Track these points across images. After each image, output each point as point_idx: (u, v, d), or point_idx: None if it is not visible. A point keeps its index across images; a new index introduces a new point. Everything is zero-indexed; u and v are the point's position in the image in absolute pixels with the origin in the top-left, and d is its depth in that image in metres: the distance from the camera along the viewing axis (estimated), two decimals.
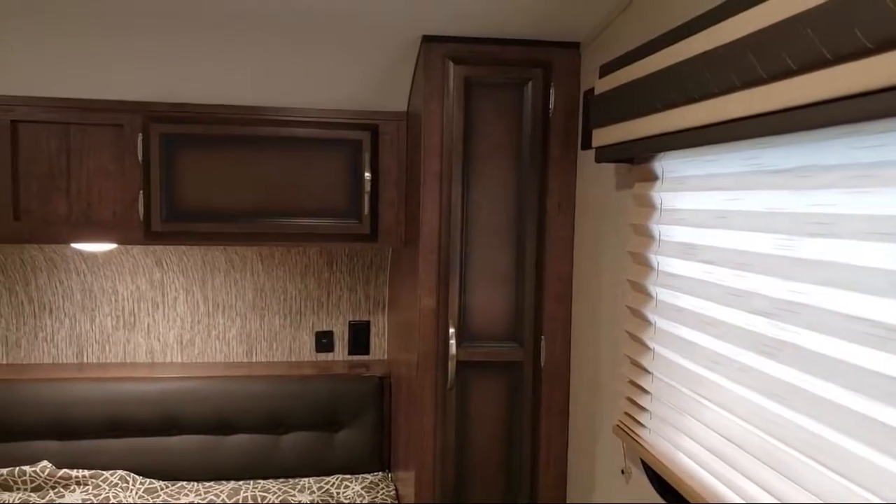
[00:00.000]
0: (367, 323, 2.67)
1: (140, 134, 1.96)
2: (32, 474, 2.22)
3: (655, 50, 1.21)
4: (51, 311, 2.50)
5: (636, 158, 1.42)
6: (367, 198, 2.07)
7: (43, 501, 2.14)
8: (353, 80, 1.95)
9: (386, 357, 2.69)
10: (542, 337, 1.78)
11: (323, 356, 2.67)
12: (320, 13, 1.59)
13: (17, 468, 2.23)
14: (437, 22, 1.64)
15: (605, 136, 1.44)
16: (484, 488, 1.83)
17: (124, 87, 1.91)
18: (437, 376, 1.76)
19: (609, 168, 1.55)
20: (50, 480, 2.22)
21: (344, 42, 1.76)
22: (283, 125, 2.03)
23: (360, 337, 2.67)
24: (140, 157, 1.96)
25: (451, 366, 1.72)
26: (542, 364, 1.78)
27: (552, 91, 1.72)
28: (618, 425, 1.49)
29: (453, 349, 1.72)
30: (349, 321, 2.66)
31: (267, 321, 2.62)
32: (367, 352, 2.69)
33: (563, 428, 1.79)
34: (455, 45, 1.70)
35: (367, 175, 2.06)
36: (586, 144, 1.68)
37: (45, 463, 2.26)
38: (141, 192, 1.98)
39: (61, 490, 2.20)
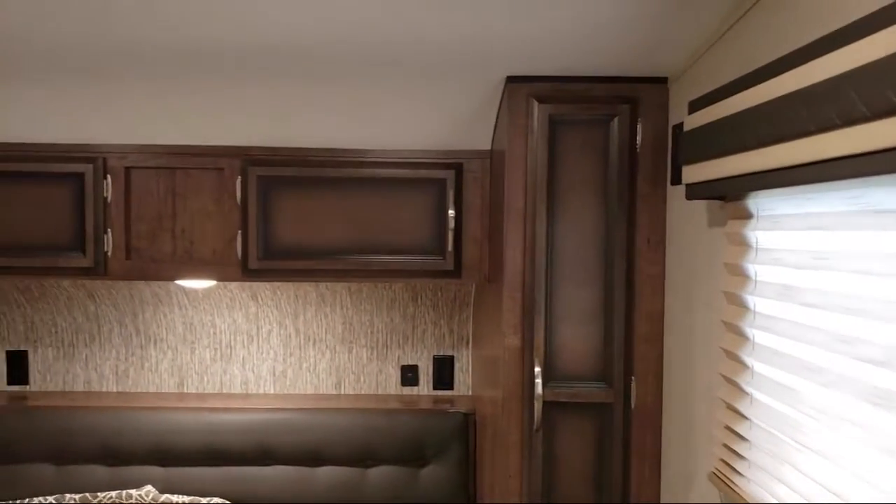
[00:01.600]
0: (452, 357, 2.68)
1: (239, 177, 2.07)
2: (138, 497, 2.34)
3: (748, 86, 1.18)
4: (155, 343, 2.65)
5: (728, 196, 1.37)
6: (450, 234, 2.09)
7: None
8: (438, 121, 2.00)
9: (470, 393, 2.68)
10: (633, 378, 1.73)
11: (408, 390, 2.70)
12: (408, 59, 1.64)
13: (125, 492, 2.35)
14: (521, 63, 1.66)
15: (696, 173, 1.40)
16: None
17: (225, 133, 2.03)
18: (523, 416, 1.75)
19: (700, 205, 1.51)
20: None
21: (430, 85, 1.80)
22: (371, 166, 2.10)
23: (444, 371, 2.68)
24: (238, 199, 2.07)
25: (538, 406, 1.69)
26: (633, 406, 1.73)
27: (639, 127, 1.70)
28: (714, 472, 1.42)
29: (539, 389, 1.70)
30: (434, 355, 2.68)
31: (355, 354, 2.68)
32: (451, 387, 2.69)
33: (655, 473, 1.73)
34: (539, 85, 1.71)
35: (451, 212, 2.09)
36: (676, 180, 1.64)
37: (149, 488, 2.38)
38: (239, 231, 2.08)
39: None
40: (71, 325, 2.63)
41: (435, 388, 2.70)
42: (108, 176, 2.07)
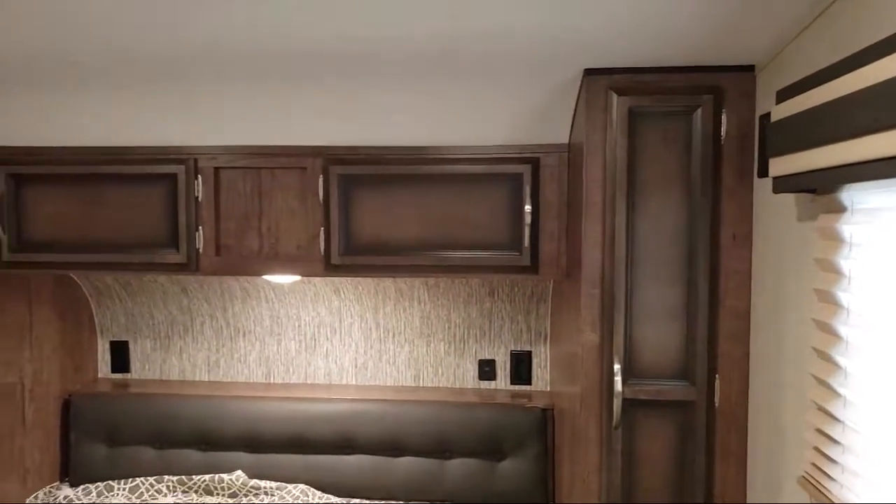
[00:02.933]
0: (529, 353, 2.68)
1: (321, 175, 2.13)
2: (229, 482, 2.46)
3: (842, 73, 1.12)
4: (244, 335, 2.77)
5: (820, 189, 1.31)
6: (527, 230, 2.09)
7: None
8: (514, 116, 1.99)
9: (549, 388, 2.67)
10: (717, 376, 1.68)
11: (485, 384, 2.71)
12: (484, 54, 1.64)
13: (217, 475, 2.48)
14: (598, 55, 1.63)
15: (785, 165, 1.34)
16: None
17: (307, 133, 2.10)
18: (602, 413, 1.73)
19: (788, 198, 1.45)
20: (243, 489, 2.44)
21: (506, 80, 1.80)
22: (448, 163, 2.12)
23: (521, 367, 2.68)
24: (321, 197, 2.13)
25: (617, 403, 1.67)
26: (717, 405, 1.68)
27: (724, 117, 1.64)
28: (804, 476, 1.37)
29: (619, 386, 1.67)
30: (511, 351, 2.69)
31: (433, 348, 2.71)
32: (528, 382, 2.69)
33: (741, 475, 1.68)
34: (618, 77, 1.68)
35: (528, 207, 2.08)
36: (763, 172, 1.57)
37: (239, 472, 2.50)
38: (322, 228, 2.14)
39: (252, 498, 2.42)
40: (167, 318, 2.79)
41: (512, 382, 2.70)
42: (199, 176, 2.17)
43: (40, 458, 2.55)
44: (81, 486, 2.53)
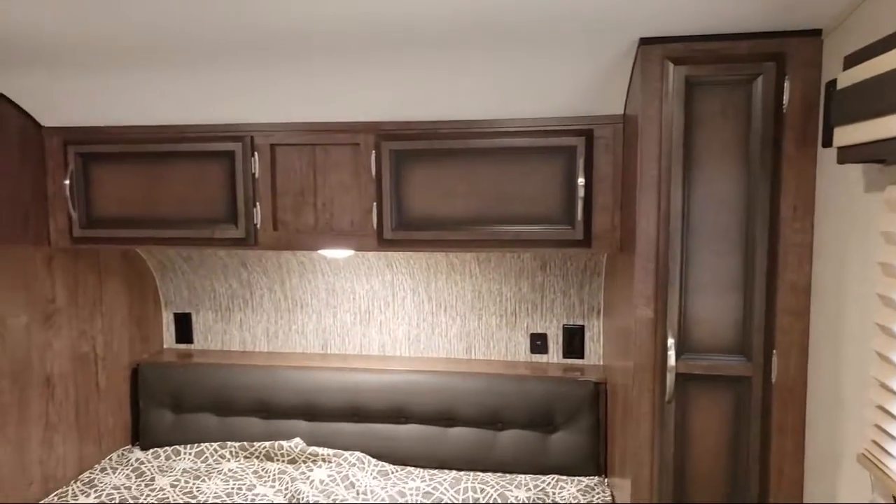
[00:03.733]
0: (582, 327, 2.67)
1: (373, 151, 2.15)
2: (288, 449, 2.55)
3: None
4: (301, 307, 2.84)
5: (889, 159, 1.26)
6: (580, 203, 2.07)
7: (297, 473, 2.44)
8: (567, 87, 1.96)
9: (601, 362, 2.66)
10: (774, 351, 1.65)
11: (537, 357, 2.72)
12: (535, 23, 1.62)
13: (277, 443, 2.58)
14: (655, 23, 1.59)
15: (850, 134, 1.29)
16: None
17: (359, 109, 2.11)
18: (655, 387, 1.72)
19: (854, 169, 1.40)
20: (302, 455, 2.53)
21: (559, 51, 1.78)
22: (500, 136, 2.11)
23: (574, 341, 2.68)
24: (373, 173, 2.16)
25: (670, 378, 1.66)
26: (774, 381, 1.65)
27: (787, 85, 1.58)
28: (864, 454, 1.34)
29: (672, 360, 1.66)
30: (563, 325, 2.68)
31: (484, 321, 2.73)
32: (581, 356, 2.69)
33: (798, 451, 1.65)
34: (674, 46, 1.64)
35: (581, 180, 2.06)
36: (827, 142, 1.52)
37: (297, 440, 2.59)
38: (374, 203, 2.17)
39: (310, 465, 2.50)
40: (227, 291, 2.89)
41: (564, 356, 2.70)
42: (256, 153, 2.22)
43: (113, 422, 2.70)
44: (151, 450, 2.67)
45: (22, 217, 2.25)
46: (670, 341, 1.67)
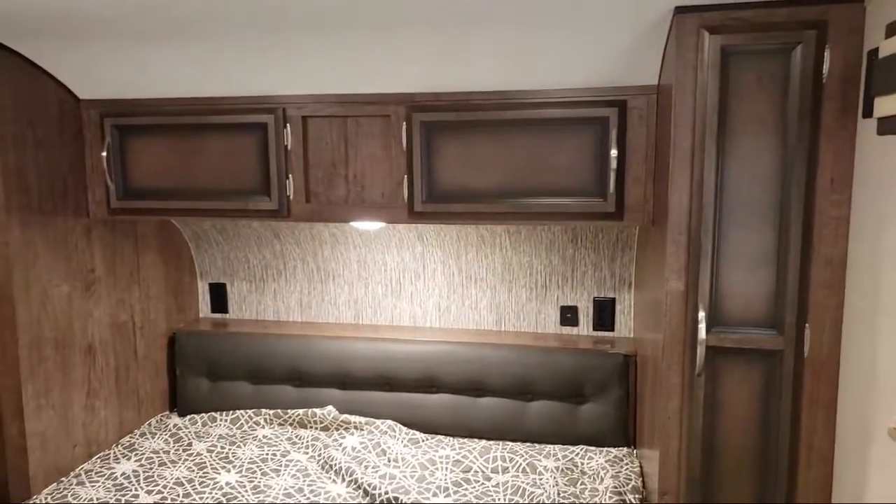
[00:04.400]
0: (613, 300, 2.67)
1: (404, 123, 2.16)
2: (321, 416, 2.61)
3: None
4: (334, 279, 2.88)
5: None
6: (612, 175, 2.05)
7: (329, 440, 2.50)
8: (600, 57, 1.94)
9: (632, 335, 2.66)
10: (807, 325, 1.63)
11: (567, 330, 2.73)
12: None
13: (310, 410, 2.64)
14: None
15: (892, 104, 1.27)
16: (734, 478, 1.75)
17: (390, 81, 2.11)
18: (685, 360, 1.72)
19: (895, 140, 1.36)
20: (334, 423, 2.59)
21: (592, 20, 1.75)
22: (531, 107, 2.09)
23: (604, 313, 2.68)
24: (404, 145, 2.16)
25: (700, 351, 1.66)
26: (806, 355, 1.64)
27: (827, 54, 1.54)
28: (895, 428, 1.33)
29: (702, 334, 1.66)
30: (594, 297, 2.68)
31: (514, 294, 2.75)
32: (612, 328, 2.69)
33: (829, 425, 1.64)
34: (710, 14, 1.60)
35: (614, 152, 2.04)
36: (868, 112, 1.48)
37: (330, 408, 2.65)
38: (405, 175, 2.18)
39: (343, 432, 2.56)
40: (261, 262, 2.94)
41: (595, 329, 2.71)
42: (288, 125, 2.24)
43: (151, 389, 2.78)
44: (188, 416, 2.75)
45: (62, 189, 2.31)
46: (701, 314, 1.67)
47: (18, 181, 2.13)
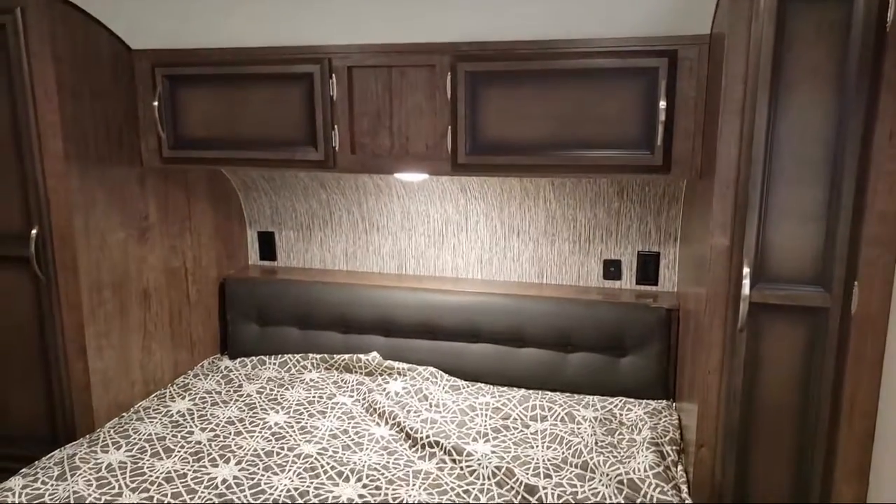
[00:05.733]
0: (657, 254, 2.65)
1: (448, 73, 2.14)
2: (366, 362, 2.69)
3: None
4: (378, 229, 2.93)
5: None
6: (660, 128, 2.01)
7: (373, 384, 2.58)
8: (650, 6, 1.89)
9: (675, 289, 2.65)
10: (856, 283, 1.60)
11: (610, 284, 2.73)
12: None
13: (356, 356, 2.72)
14: None
15: None
16: (772, 432, 1.76)
17: (435, 30, 2.10)
18: (728, 316, 1.71)
19: None
20: (378, 368, 2.67)
21: None
22: (578, 57, 2.05)
23: (648, 267, 2.66)
24: (449, 95, 2.16)
25: (743, 307, 1.65)
26: (853, 312, 1.62)
27: (892, 1, 1.47)
28: None
29: (746, 290, 1.64)
30: (638, 251, 2.66)
31: (557, 247, 2.75)
32: (655, 282, 2.67)
33: (873, 383, 1.62)
34: None
35: (663, 104, 2.00)
36: None
37: (374, 354, 2.73)
38: (449, 127, 2.18)
39: (387, 377, 2.63)
40: (307, 211, 2.99)
41: (638, 283, 2.70)
42: (333, 76, 2.25)
43: (203, 332, 2.90)
44: (238, 359, 2.86)
45: (116, 139, 2.38)
46: (746, 270, 1.65)
47: (76, 131, 2.20)
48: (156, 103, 2.40)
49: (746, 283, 1.65)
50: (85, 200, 2.26)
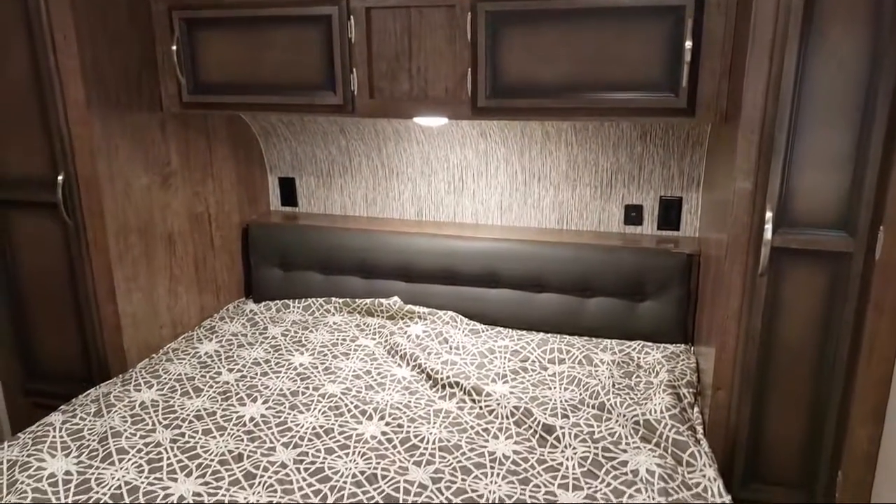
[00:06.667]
0: (679, 199, 2.62)
1: (468, 13, 2.10)
2: (387, 306, 2.74)
3: None
4: (397, 175, 2.93)
5: None
6: (686, 69, 1.96)
7: (395, 328, 2.63)
8: None
9: (697, 235, 2.63)
10: (881, 228, 1.58)
11: (631, 229, 2.72)
12: None
13: (377, 300, 2.76)
14: None
15: None
16: (789, 375, 1.78)
17: None
18: (748, 261, 1.71)
19: None
20: (399, 312, 2.71)
21: None
22: None
23: (670, 212, 2.64)
24: (469, 36, 2.12)
25: (765, 252, 1.64)
26: (877, 258, 1.60)
27: None
28: None
29: (769, 234, 1.63)
30: (660, 196, 2.64)
31: (578, 192, 2.73)
32: (677, 228, 2.66)
33: (893, 327, 1.62)
34: None
35: (688, 44, 1.94)
36: None
37: (396, 298, 2.77)
38: (469, 69, 2.15)
39: (408, 321, 2.68)
40: (327, 157, 2.99)
41: (659, 228, 2.68)
42: (352, 17, 2.21)
43: (228, 277, 2.95)
44: (263, 303, 2.92)
45: (136, 84, 2.38)
46: (768, 215, 1.64)
47: (95, 75, 2.21)
48: (174, 47, 2.38)
49: (769, 227, 1.64)
50: (108, 146, 2.28)
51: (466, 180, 2.85)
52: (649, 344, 2.48)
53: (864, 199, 1.60)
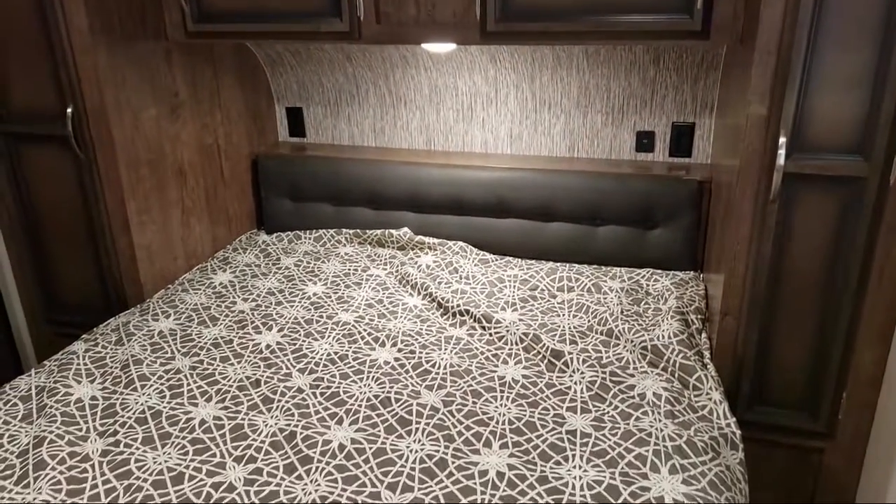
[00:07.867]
0: (692, 125, 2.58)
1: None
2: (398, 237, 2.75)
3: None
4: (405, 104, 2.89)
5: None
6: None
7: (405, 258, 2.66)
8: None
9: (709, 161, 2.60)
10: None
11: (642, 156, 2.69)
12: None
13: (387, 231, 2.78)
14: None
15: None
16: (798, 300, 1.79)
17: None
18: (760, 187, 1.69)
19: None
20: (410, 243, 2.73)
21: None
22: None
23: (682, 139, 2.61)
24: None
25: (777, 177, 1.63)
26: (892, 182, 1.59)
27: None
28: None
29: (781, 160, 1.61)
30: (673, 122, 2.60)
31: (589, 119, 2.69)
32: (688, 154, 2.63)
33: None
34: None
35: None
36: None
37: (406, 229, 2.78)
38: None
39: (418, 251, 2.70)
40: (334, 86, 2.95)
41: (671, 154, 2.65)
42: None
43: (239, 208, 2.97)
44: (275, 234, 2.94)
45: (140, 12, 2.33)
46: (782, 140, 1.62)
47: (98, 3, 2.16)
48: None
49: (782, 153, 1.62)
50: (114, 77, 2.25)
51: (476, 108, 2.81)
52: (658, 271, 2.50)
53: (881, 123, 1.57)
